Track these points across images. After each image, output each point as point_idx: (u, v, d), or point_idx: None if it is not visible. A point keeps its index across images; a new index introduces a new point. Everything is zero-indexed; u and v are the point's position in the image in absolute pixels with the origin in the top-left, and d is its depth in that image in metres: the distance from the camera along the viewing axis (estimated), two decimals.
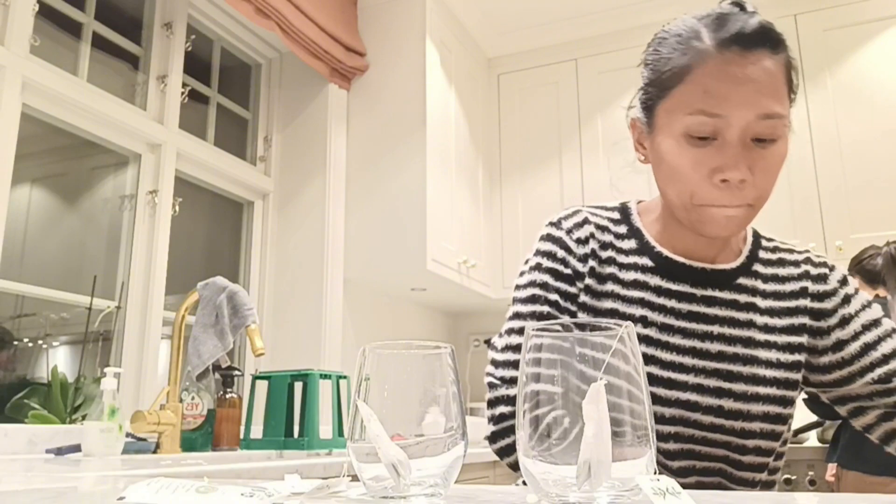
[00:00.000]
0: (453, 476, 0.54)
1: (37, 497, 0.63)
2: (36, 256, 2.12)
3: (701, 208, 0.87)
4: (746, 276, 0.97)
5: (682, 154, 0.87)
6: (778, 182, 0.92)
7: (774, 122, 0.85)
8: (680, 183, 0.88)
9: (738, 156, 0.84)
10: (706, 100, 0.84)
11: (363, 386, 0.55)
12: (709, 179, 0.85)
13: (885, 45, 2.86)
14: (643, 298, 0.94)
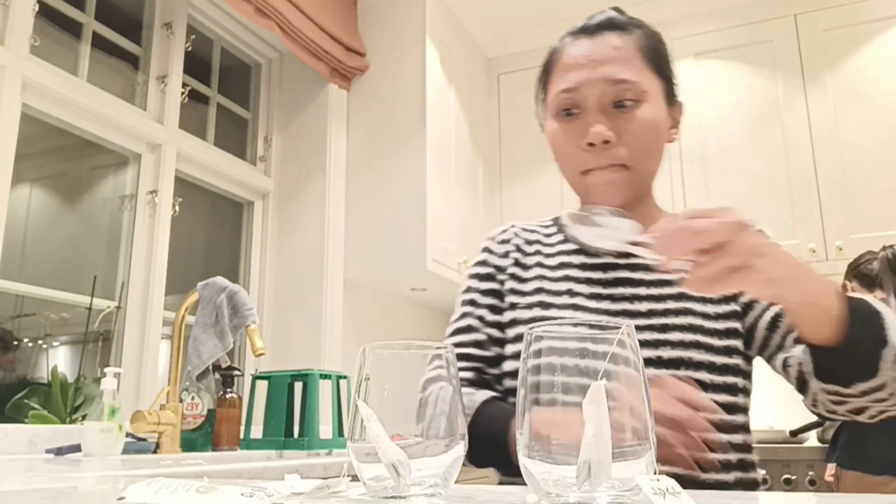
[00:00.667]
0: (453, 476, 0.54)
1: (37, 497, 0.63)
2: (36, 256, 2.12)
3: (583, 178, 0.99)
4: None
5: (558, 131, 1.00)
6: (778, 182, 0.93)
7: (626, 86, 0.96)
8: (562, 158, 1.01)
9: (596, 120, 0.95)
10: (564, 78, 0.99)
11: (363, 386, 0.55)
12: (579, 147, 0.97)
13: (885, 45, 2.86)
14: (568, 275, 1.01)
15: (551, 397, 0.50)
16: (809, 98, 2.91)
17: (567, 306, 0.97)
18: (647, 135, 0.97)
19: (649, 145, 0.98)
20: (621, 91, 0.95)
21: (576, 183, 1.01)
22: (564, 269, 1.02)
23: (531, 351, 0.52)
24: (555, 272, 1.02)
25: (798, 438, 2.49)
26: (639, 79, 0.96)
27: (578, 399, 0.48)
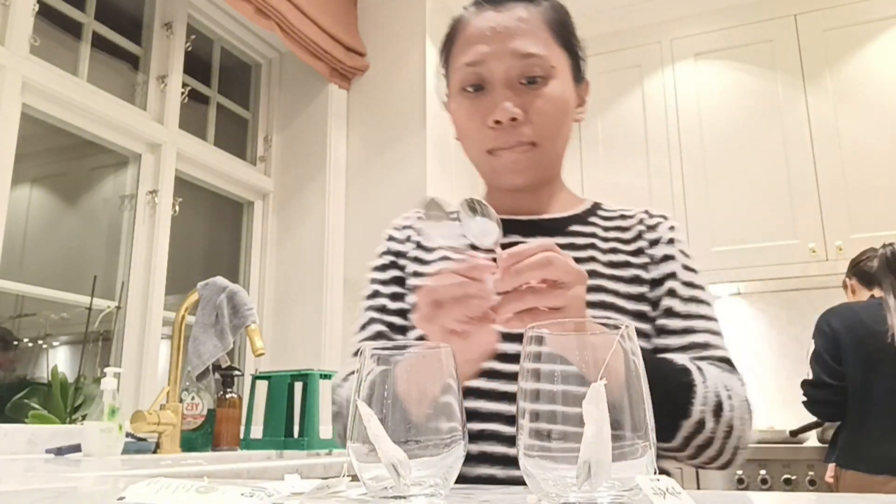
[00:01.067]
0: (453, 476, 0.54)
1: (37, 497, 0.63)
2: (36, 256, 2.12)
3: (489, 157, 0.93)
4: (582, 224, 0.99)
5: (462, 108, 0.95)
6: (778, 182, 0.92)
7: (534, 61, 0.91)
8: (467, 136, 0.95)
9: (503, 97, 0.90)
10: (467, 52, 0.93)
11: (363, 386, 0.55)
12: (484, 125, 0.91)
13: (886, 45, 2.86)
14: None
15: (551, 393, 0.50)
16: (809, 98, 2.91)
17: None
18: (556, 113, 0.93)
19: (557, 124, 0.93)
20: (529, 66, 0.91)
21: (481, 163, 0.96)
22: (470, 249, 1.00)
23: (530, 346, 0.52)
24: (459, 254, 0.99)
25: (798, 438, 2.49)
26: (547, 53, 0.92)
27: (578, 399, 0.48)
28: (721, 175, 2.97)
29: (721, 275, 2.90)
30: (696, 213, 2.97)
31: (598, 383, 0.47)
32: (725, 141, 3.00)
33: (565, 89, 0.94)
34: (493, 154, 0.93)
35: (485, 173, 0.98)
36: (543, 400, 0.50)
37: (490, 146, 0.92)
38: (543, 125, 0.91)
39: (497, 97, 0.91)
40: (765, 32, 3.05)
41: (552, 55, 0.93)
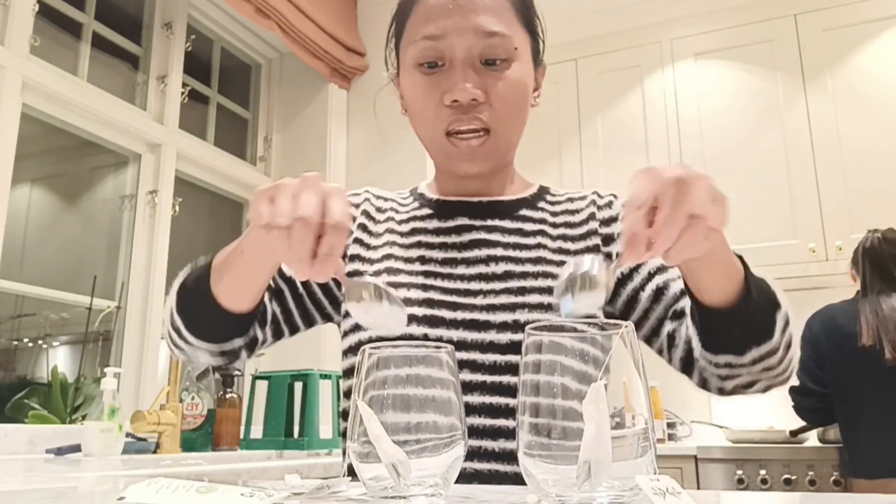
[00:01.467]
0: (453, 476, 0.54)
1: (37, 497, 0.63)
2: (36, 256, 2.12)
3: (444, 140, 0.88)
4: (531, 209, 0.96)
5: (416, 84, 0.89)
6: (778, 182, 0.91)
7: (498, 41, 0.86)
8: (421, 116, 0.90)
9: (464, 76, 0.85)
10: (427, 25, 0.87)
11: (363, 386, 0.55)
12: (441, 104, 0.86)
13: (886, 45, 2.86)
14: (420, 241, 0.93)
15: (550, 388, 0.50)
16: (809, 98, 2.91)
17: (419, 273, 0.89)
18: (516, 98, 0.88)
19: (517, 109, 0.89)
20: (492, 46, 0.86)
21: (436, 146, 0.90)
22: (417, 234, 0.94)
23: (530, 347, 0.52)
24: (406, 238, 0.94)
25: (798, 438, 2.48)
26: (511, 34, 0.87)
27: (578, 398, 0.48)
28: (721, 175, 2.95)
29: None
30: None
31: (597, 383, 0.46)
32: (725, 141, 3.00)
33: (526, 73, 0.90)
34: (449, 139, 0.88)
35: (437, 156, 0.93)
36: (543, 395, 0.50)
37: (447, 128, 0.87)
38: (503, 110, 0.87)
39: (457, 76, 0.85)
40: (765, 32, 3.04)
41: (516, 36, 0.88)
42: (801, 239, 2.79)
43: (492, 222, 0.93)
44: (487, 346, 0.83)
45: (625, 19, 3.25)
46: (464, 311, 0.85)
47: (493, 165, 0.92)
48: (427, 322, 0.84)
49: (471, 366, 0.83)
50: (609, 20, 3.25)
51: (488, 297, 0.86)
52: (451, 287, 0.88)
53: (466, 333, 0.84)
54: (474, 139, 0.87)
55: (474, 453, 0.81)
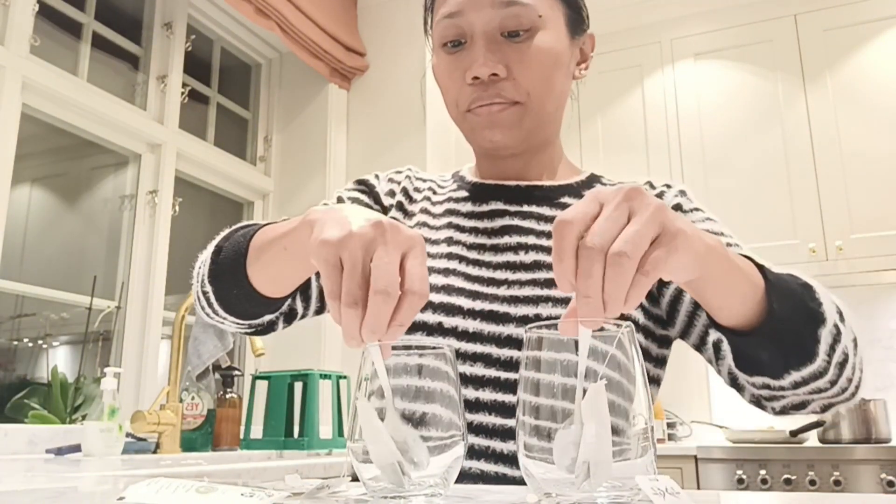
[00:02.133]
0: (453, 476, 0.54)
1: (37, 497, 0.63)
2: (36, 256, 2.12)
3: (469, 115, 0.86)
4: (575, 196, 0.90)
5: (441, 64, 0.88)
6: (778, 181, 0.90)
7: (517, 10, 0.83)
8: (446, 95, 0.88)
9: (483, 51, 0.82)
10: (447, 3, 0.85)
11: (363, 386, 0.55)
12: (464, 83, 0.84)
13: (886, 45, 2.86)
14: (451, 222, 0.90)
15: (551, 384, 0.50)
16: (809, 98, 2.91)
17: (443, 255, 0.86)
18: (544, 67, 0.83)
19: (547, 79, 0.84)
20: (511, 16, 0.82)
21: (461, 124, 0.89)
22: (449, 216, 0.91)
23: (530, 345, 0.52)
24: (438, 219, 0.91)
25: (798, 438, 2.48)
26: (531, 1, 0.83)
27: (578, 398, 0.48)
28: (721, 175, 2.97)
29: None
30: None
31: (598, 383, 0.46)
32: (725, 141, 3.00)
33: (557, 42, 0.85)
34: (471, 113, 0.85)
35: (466, 135, 0.91)
36: (544, 394, 0.50)
37: (468, 104, 0.85)
38: (528, 83, 0.83)
39: (476, 52, 0.83)
40: (765, 32, 3.04)
41: (539, 3, 0.84)
42: (801, 239, 2.79)
43: (528, 208, 0.89)
44: (505, 340, 0.79)
45: (625, 19, 3.25)
46: (483, 301, 0.81)
47: (523, 138, 0.87)
48: (443, 310, 0.81)
49: (485, 360, 0.78)
50: (609, 20, 3.25)
51: (512, 287, 0.82)
52: (475, 274, 0.84)
53: (484, 325, 0.80)
54: (495, 105, 0.83)
55: (482, 453, 0.77)
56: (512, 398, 0.77)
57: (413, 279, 0.53)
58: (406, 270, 0.53)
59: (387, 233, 0.53)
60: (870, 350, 2.88)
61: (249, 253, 0.76)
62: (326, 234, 0.54)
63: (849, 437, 2.51)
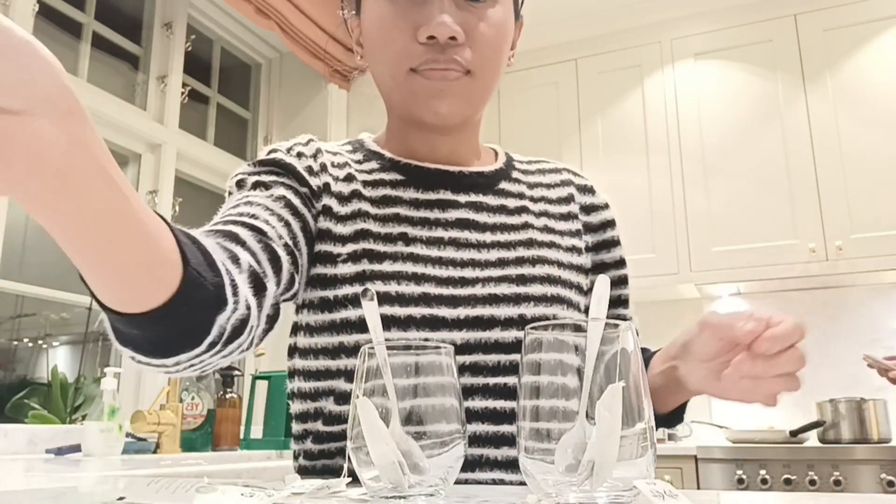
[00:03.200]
0: (453, 476, 0.54)
1: (37, 497, 0.63)
2: (36, 256, 2.12)
3: (413, 77, 0.76)
4: (508, 181, 0.88)
5: (383, 15, 0.77)
6: (778, 181, 0.91)
7: None
8: (386, 49, 0.78)
9: (444, 8, 0.74)
10: None
11: (363, 386, 0.55)
12: (414, 38, 0.75)
13: (886, 45, 2.86)
14: (398, 214, 0.80)
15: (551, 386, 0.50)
16: (809, 98, 2.91)
17: (403, 256, 0.77)
18: (497, 42, 0.78)
19: (498, 54, 0.79)
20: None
21: (397, 85, 0.78)
22: (393, 205, 0.81)
23: (530, 346, 0.52)
24: (381, 209, 0.80)
25: (798, 438, 2.48)
26: None
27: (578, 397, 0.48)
28: (721, 175, 2.97)
29: (721, 275, 2.90)
30: (696, 213, 2.97)
31: (616, 384, 0.47)
32: (725, 141, 3.00)
33: (507, 18, 0.80)
34: (417, 74, 0.76)
35: (400, 99, 0.80)
36: (544, 397, 0.50)
37: (415, 64, 0.75)
38: (484, 53, 0.77)
39: (434, 8, 0.74)
40: (765, 32, 3.04)
41: None
42: (801, 239, 2.79)
43: (475, 197, 0.84)
44: (492, 346, 0.76)
45: (625, 19, 3.25)
46: (466, 307, 0.76)
47: (465, 113, 0.81)
48: (427, 325, 0.75)
49: (472, 369, 0.76)
50: (609, 20, 3.25)
51: (487, 285, 0.78)
52: (445, 276, 0.78)
53: (470, 334, 0.76)
54: (451, 72, 0.75)
55: (475, 462, 0.75)
56: (502, 403, 0.76)
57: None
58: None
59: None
60: (870, 350, 2.88)
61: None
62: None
63: (849, 437, 2.51)
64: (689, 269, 2.93)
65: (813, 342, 3.00)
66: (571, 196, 0.91)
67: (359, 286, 0.75)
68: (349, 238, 0.78)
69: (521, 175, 0.90)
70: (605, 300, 0.52)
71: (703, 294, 3.17)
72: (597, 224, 0.90)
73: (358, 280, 0.76)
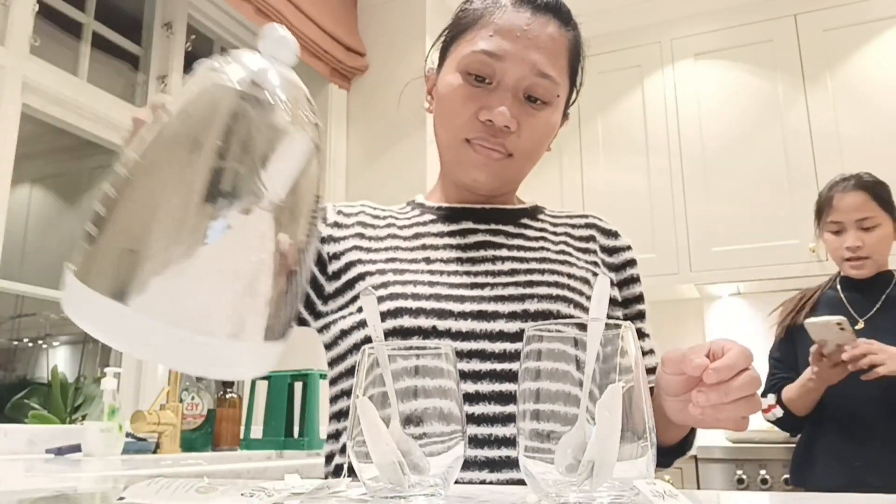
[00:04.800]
0: (453, 476, 0.54)
1: (37, 497, 0.63)
2: (36, 256, 2.12)
3: (465, 147, 0.91)
4: (531, 219, 1.00)
5: (458, 90, 0.91)
6: (778, 181, 0.93)
7: (546, 84, 0.90)
8: (451, 118, 0.92)
9: (506, 101, 0.88)
10: (490, 42, 0.90)
11: (363, 387, 0.55)
12: (475, 116, 0.89)
13: (886, 45, 2.86)
14: (424, 244, 0.94)
15: None
16: (809, 98, 2.91)
17: (424, 271, 0.90)
18: (542, 138, 0.93)
19: (538, 148, 0.94)
20: (540, 86, 0.90)
21: (452, 149, 0.93)
22: (421, 238, 0.96)
23: (530, 346, 0.52)
24: (410, 241, 0.95)
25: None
26: (559, 82, 0.92)
27: (577, 397, 0.48)
28: (721, 175, 2.97)
29: (721, 275, 2.90)
30: (696, 213, 2.97)
31: (616, 384, 0.47)
32: (725, 141, 3.00)
33: (556, 120, 0.95)
34: (470, 144, 0.90)
35: (450, 160, 0.95)
36: (543, 399, 0.50)
37: (471, 136, 0.90)
38: (529, 145, 0.91)
39: (499, 99, 0.88)
40: (765, 32, 3.05)
41: (561, 85, 0.93)
42: (801, 239, 2.79)
43: (495, 226, 0.96)
44: (497, 335, 0.84)
45: (625, 19, 3.25)
46: (472, 303, 0.86)
47: (500, 187, 0.95)
48: (435, 315, 0.85)
49: (480, 355, 0.84)
50: (609, 20, 3.25)
51: (496, 289, 0.88)
52: (458, 282, 0.89)
53: (475, 324, 0.85)
54: (495, 153, 0.90)
55: (485, 441, 0.81)
56: (508, 386, 0.83)
57: None
58: None
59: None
60: None
61: None
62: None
63: None
64: (689, 269, 2.93)
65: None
66: (593, 236, 1.00)
67: (383, 290, 0.87)
68: (381, 260, 0.93)
69: (547, 217, 1.02)
70: (604, 300, 0.53)
71: (703, 294, 3.17)
72: (618, 264, 0.99)
73: (382, 287, 0.88)
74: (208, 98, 0.54)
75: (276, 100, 0.55)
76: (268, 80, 0.55)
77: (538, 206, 1.06)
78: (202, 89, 0.55)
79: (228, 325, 0.52)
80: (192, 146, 0.53)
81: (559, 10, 0.93)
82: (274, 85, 0.55)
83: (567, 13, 0.95)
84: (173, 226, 0.51)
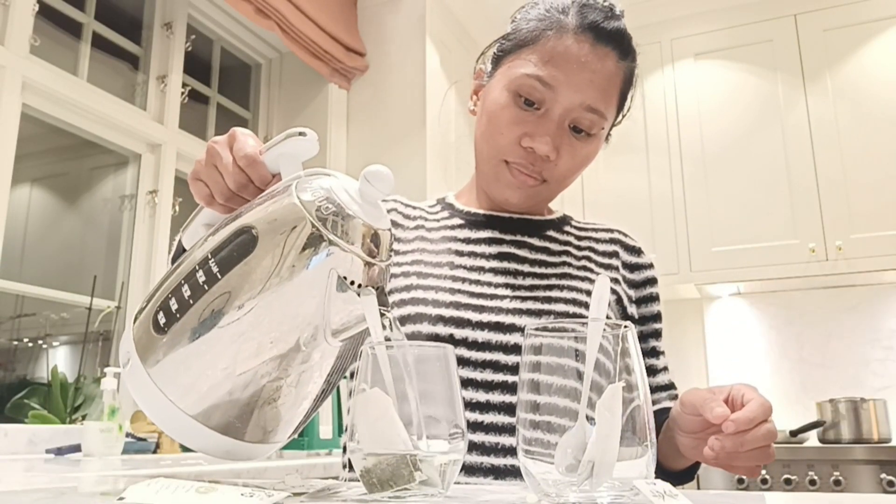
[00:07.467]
0: (453, 476, 0.54)
1: (37, 497, 0.63)
2: (36, 256, 2.12)
3: (503, 167, 0.92)
4: (557, 231, 1.01)
5: (505, 109, 0.91)
6: (778, 181, 0.93)
7: (594, 118, 0.90)
8: (494, 136, 0.92)
9: (551, 131, 0.89)
10: (546, 68, 0.88)
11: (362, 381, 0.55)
12: (518, 142, 0.90)
13: (886, 45, 2.86)
14: (450, 248, 0.96)
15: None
16: (809, 98, 2.91)
17: (447, 276, 0.92)
18: (579, 168, 0.94)
19: (572, 175, 0.95)
20: (587, 120, 0.90)
21: (492, 165, 0.94)
22: (447, 242, 0.97)
23: (530, 347, 0.52)
24: (436, 245, 0.97)
25: (798, 438, 2.49)
26: (607, 117, 0.92)
27: (578, 397, 0.48)
28: (721, 175, 2.97)
29: (721, 275, 2.90)
30: (696, 213, 2.97)
31: (615, 384, 0.47)
32: (725, 141, 3.00)
33: (597, 150, 0.96)
34: (508, 165, 0.92)
35: (487, 175, 0.96)
36: (543, 396, 0.50)
37: (510, 159, 0.91)
38: (565, 174, 0.93)
39: (545, 128, 0.89)
40: (765, 32, 3.05)
41: (608, 119, 0.93)
42: (801, 239, 2.79)
43: (520, 238, 0.98)
44: (511, 347, 0.86)
45: (625, 19, 3.25)
46: (490, 314, 0.88)
47: (530, 207, 0.98)
48: (454, 323, 0.87)
49: (493, 366, 0.86)
50: None
51: (514, 301, 0.90)
52: (478, 291, 0.91)
53: (491, 335, 0.87)
54: (531, 178, 0.91)
55: (492, 449, 0.83)
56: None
57: (239, 147, 0.70)
58: (234, 146, 0.70)
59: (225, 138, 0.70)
60: (870, 350, 2.88)
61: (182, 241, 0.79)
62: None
63: (849, 437, 2.51)
64: (689, 269, 2.93)
65: (813, 342, 3.00)
66: (616, 252, 1.02)
67: (406, 294, 0.90)
68: (406, 263, 0.95)
69: (572, 230, 1.03)
70: (604, 300, 0.54)
71: (703, 294, 3.17)
72: (639, 281, 1.01)
73: (405, 290, 0.90)
74: (300, 246, 0.57)
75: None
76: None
77: (566, 216, 1.06)
78: (294, 217, 0.59)
79: (264, 434, 0.58)
80: (288, 318, 0.56)
81: (622, 41, 0.92)
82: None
83: (628, 44, 0.93)
84: (248, 363, 0.56)
